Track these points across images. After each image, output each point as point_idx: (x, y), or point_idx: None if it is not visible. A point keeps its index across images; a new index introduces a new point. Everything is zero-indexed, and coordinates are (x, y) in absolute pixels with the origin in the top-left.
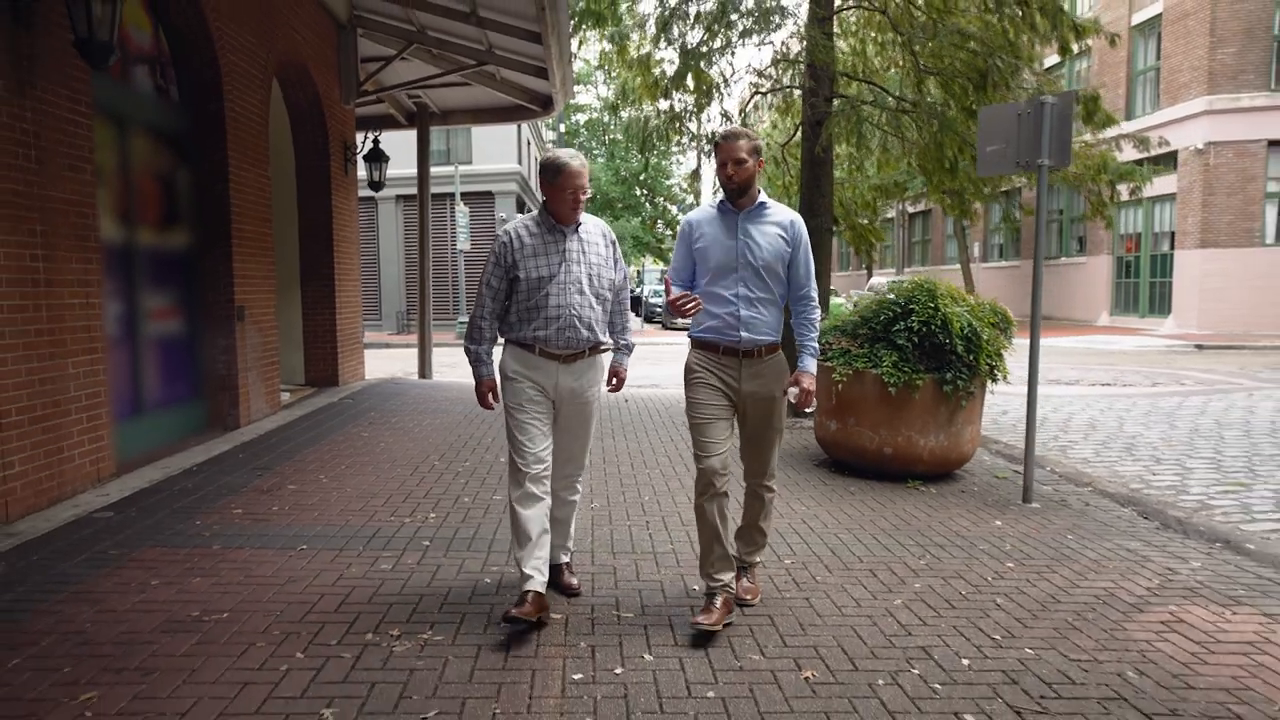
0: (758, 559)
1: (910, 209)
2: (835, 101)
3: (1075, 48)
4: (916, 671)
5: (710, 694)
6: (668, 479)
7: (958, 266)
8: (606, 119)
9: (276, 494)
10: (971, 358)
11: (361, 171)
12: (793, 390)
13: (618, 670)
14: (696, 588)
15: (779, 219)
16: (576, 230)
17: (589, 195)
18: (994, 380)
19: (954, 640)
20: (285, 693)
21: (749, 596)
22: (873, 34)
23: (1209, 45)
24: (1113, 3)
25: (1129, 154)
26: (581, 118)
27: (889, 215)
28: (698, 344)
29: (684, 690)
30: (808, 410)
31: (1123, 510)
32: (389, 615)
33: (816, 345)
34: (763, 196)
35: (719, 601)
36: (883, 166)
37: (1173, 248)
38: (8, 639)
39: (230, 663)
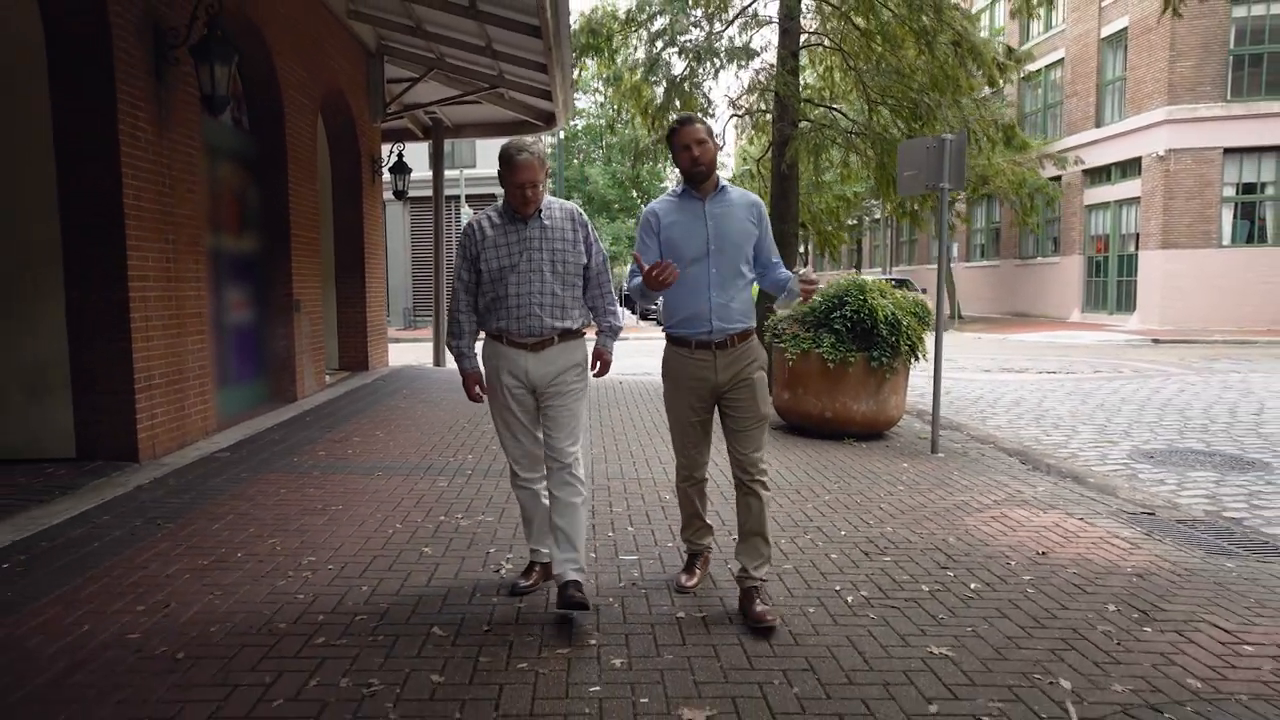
0: (764, 573)
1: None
2: (801, 124)
3: (1001, 81)
4: (809, 537)
5: (670, 544)
6: (651, 436)
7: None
8: (604, 124)
9: (347, 443)
10: (894, 340)
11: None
12: (802, 276)
13: (610, 533)
14: (668, 496)
15: (743, 202)
16: (539, 217)
17: (541, 187)
18: (915, 359)
19: (840, 524)
20: (396, 541)
21: (770, 619)
22: (838, 62)
23: (1169, 58)
24: (1084, 16)
25: (1100, 163)
26: (580, 123)
27: (876, 217)
28: (671, 339)
29: (651, 542)
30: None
31: (1009, 459)
32: (453, 507)
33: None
34: (722, 181)
35: (699, 563)
36: (845, 180)
37: (1137, 248)
38: (207, 515)
39: (354, 529)
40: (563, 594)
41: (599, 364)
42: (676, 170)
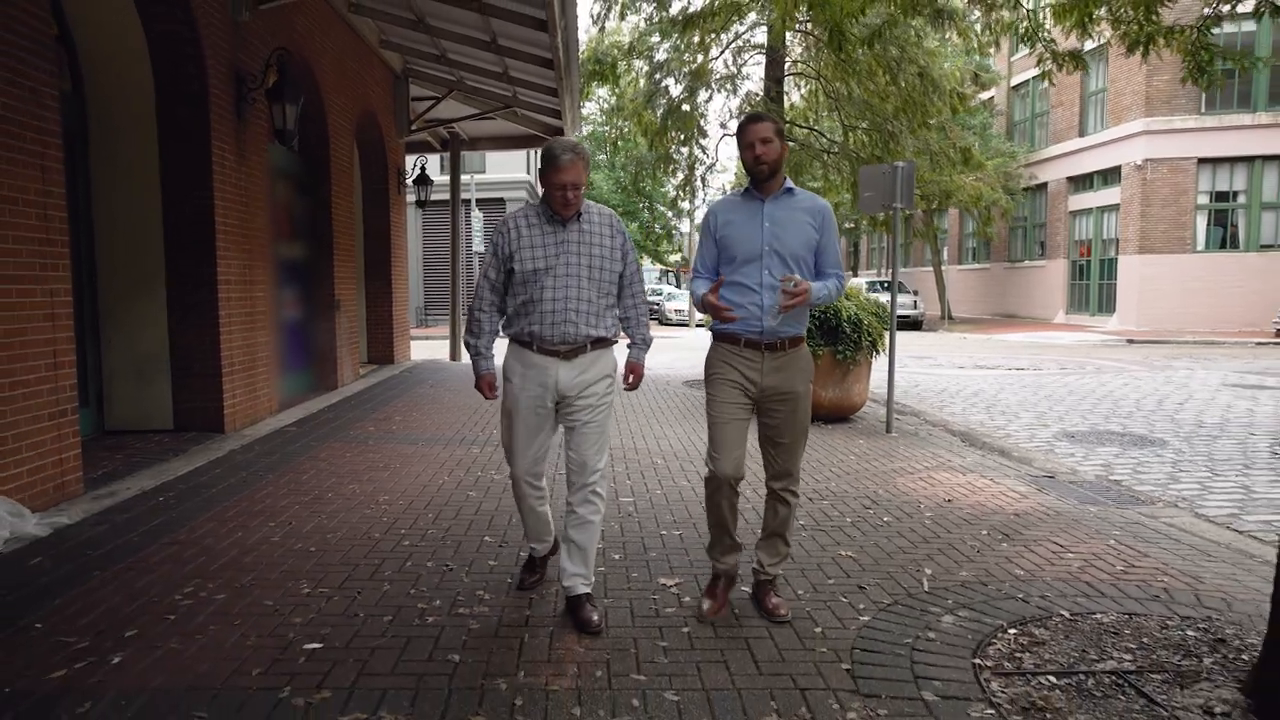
0: (780, 570)
1: None
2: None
3: (961, 109)
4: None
5: (659, 491)
6: (650, 418)
7: (931, 268)
8: (608, 130)
9: (390, 421)
10: (856, 336)
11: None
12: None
13: (612, 484)
14: (659, 461)
15: (807, 205)
16: (578, 220)
17: (582, 190)
18: (875, 353)
19: None
20: (446, 488)
21: (783, 613)
22: (821, 85)
23: (1146, 73)
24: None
25: (1083, 171)
26: (585, 128)
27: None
28: (719, 336)
29: (644, 490)
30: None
31: (952, 438)
32: (486, 466)
33: (829, 293)
34: (789, 183)
35: (722, 585)
36: (827, 192)
37: (1117, 253)
38: (294, 470)
39: (411, 480)
40: (578, 614)
41: (632, 376)
42: (675, 179)
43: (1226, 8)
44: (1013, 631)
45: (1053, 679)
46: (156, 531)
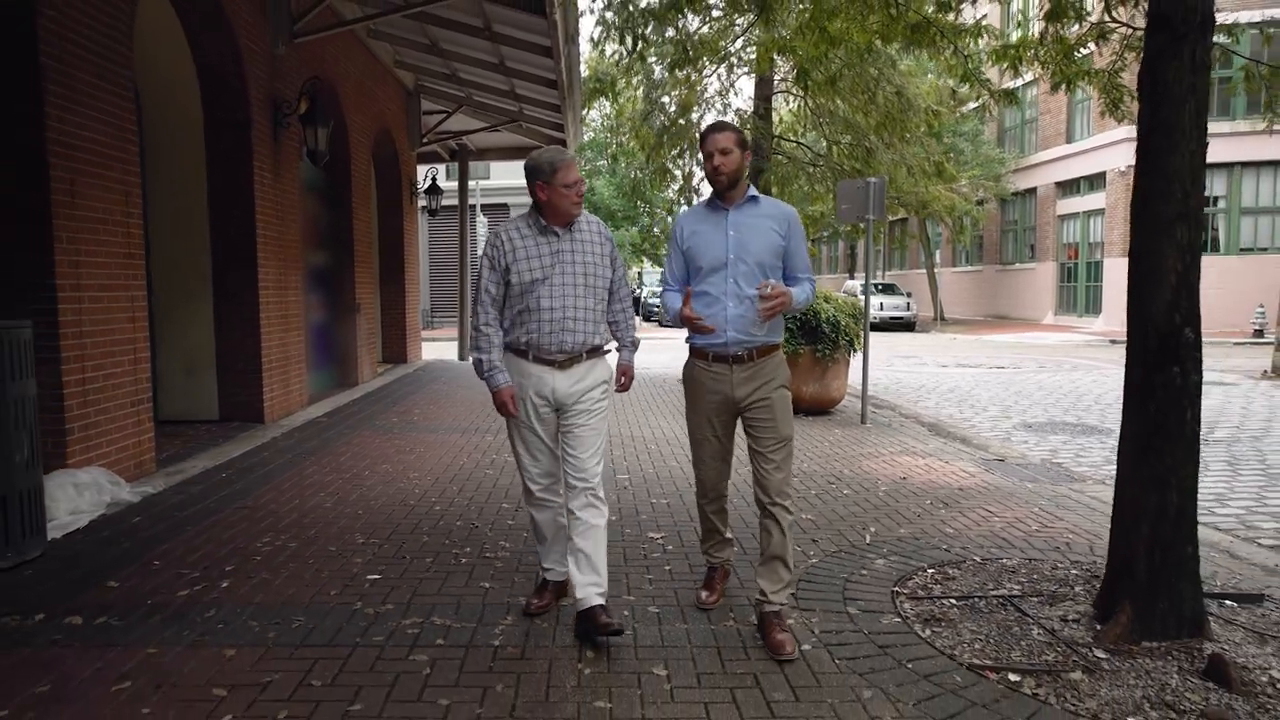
0: (784, 599)
1: (890, 218)
2: (774, 156)
3: (936, 125)
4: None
5: (650, 469)
6: (646, 411)
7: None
8: (607, 136)
9: (410, 413)
10: (834, 336)
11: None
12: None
13: (611, 463)
14: (653, 447)
15: (771, 212)
16: (570, 229)
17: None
18: (853, 351)
19: None
20: (467, 467)
21: (789, 650)
22: (807, 102)
23: (1130, 81)
24: None
25: (1070, 176)
26: (587, 135)
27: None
28: (691, 351)
29: (638, 468)
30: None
31: (920, 428)
32: (502, 450)
33: (806, 295)
34: (753, 191)
35: (718, 575)
36: (813, 201)
37: (1103, 256)
38: (332, 453)
39: (435, 461)
40: (594, 621)
41: (624, 378)
42: (674, 185)
43: (1131, 55)
44: (931, 570)
45: (953, 601)
46: (228, 499)
